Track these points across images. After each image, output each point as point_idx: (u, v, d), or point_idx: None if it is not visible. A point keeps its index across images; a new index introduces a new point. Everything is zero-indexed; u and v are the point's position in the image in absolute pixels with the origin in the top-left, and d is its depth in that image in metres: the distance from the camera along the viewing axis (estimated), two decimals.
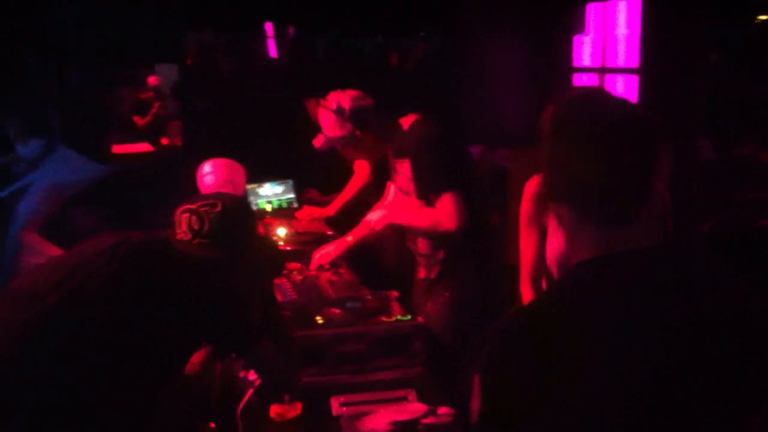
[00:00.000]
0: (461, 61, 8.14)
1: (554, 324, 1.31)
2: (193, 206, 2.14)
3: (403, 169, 3.15)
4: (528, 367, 1.29)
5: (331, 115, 3.20)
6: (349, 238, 3.46)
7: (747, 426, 1.31)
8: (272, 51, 12.90)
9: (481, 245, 3.16)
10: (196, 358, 2.35)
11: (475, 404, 1.35)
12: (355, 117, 3.17)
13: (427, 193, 3.03)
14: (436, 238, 3.11)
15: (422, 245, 3.23)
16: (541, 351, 1.29)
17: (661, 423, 1.27)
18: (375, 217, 3.24)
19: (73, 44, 6.45)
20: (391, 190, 3.54)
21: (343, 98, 3.20)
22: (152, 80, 8.31)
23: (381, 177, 3.75)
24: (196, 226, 2.10)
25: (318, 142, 3.32)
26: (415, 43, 12.68)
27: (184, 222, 2.12)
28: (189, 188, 3.48)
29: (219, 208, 2.13)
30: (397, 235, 3.44)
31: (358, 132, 3.19)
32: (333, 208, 4.52)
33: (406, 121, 3.20)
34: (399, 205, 3.29)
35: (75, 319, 1.79)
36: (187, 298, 1.88)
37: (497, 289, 3.18)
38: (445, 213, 2.96)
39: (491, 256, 3.22)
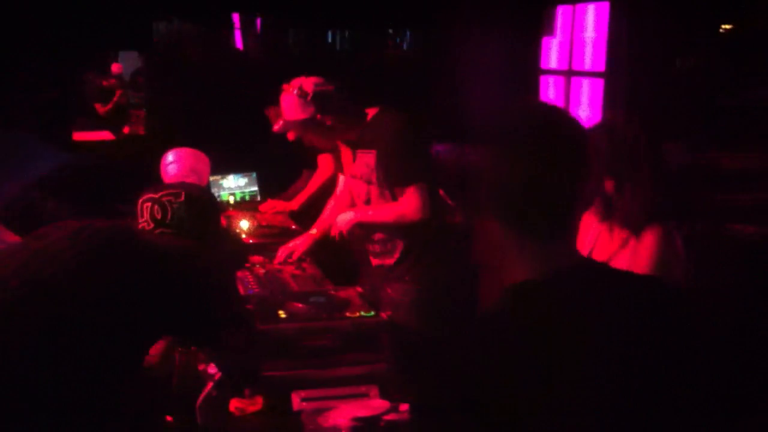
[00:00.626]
0: (433, 58, 8.16)
1: (511, 337, 1.28)
2: (156, 195, 2.11)
3: (367, 159, 3.17)
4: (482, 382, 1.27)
5: (293, 97, 3.17)
6: (314, 231, 3.46)
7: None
8: (239, 42, 12.79)
9: (442, 237, 3.21)
10: (155, 350, 2.32)
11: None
12: (317, 99, 3.14)
13: (393, 184, 3.09)
14: (399, 228, 3.15)
15: (378, 234, 3.25)
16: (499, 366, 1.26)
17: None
18: (345, 218, 3.22)
19: (36, 29, 6.34)
20: (341, 180, 3.55)
21: (305, 82, 3.18)
22: (115, 68, 8.20)
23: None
24: (158, 216, 2.07)
25: (277, 125, 3.29)
26: (386, 39, 12.65)
27: (146, 211, 2.09)
28: (152, 177, 3.43)
29: (183, 198, 2.10)
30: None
31: (319, 116, 3.16)
32: (297, 202, 4.50)
33: (370, 112, 3.22)
34: (357, 201, 3.31)
35: (37, 304, 1.75)
36: (149, 286, 1.84)
37: (462, 285, 3.20)
38: (410, 205, 3.03)
39: (454, 250, 3.24)
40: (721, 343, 1.74)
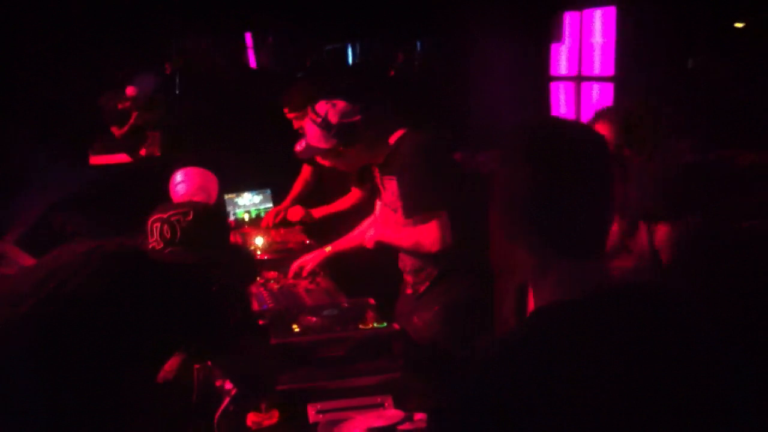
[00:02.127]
0: (446, 68, 8.20)
1: (534, 360, 1.24)
2: (165, 215, 2.16)
3: (391, 186, 3.09)
4: (503, 405, 1.23)
5: (316, 128, 3.05)
6: (328, 249, 3.47)
7: None
8: (252, 61, 12.90)
9: (470, 254, 3.12)
10: (172, 366, 2.36)
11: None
12: (341, 134, 3.02)
13: (412, 213, 2.98)
14: (422, 256, 3.08)
15: (410, 262, 3.18)
16: (518, 392, 1.22)
17: None
18: (369, 235, 3.19)
19: (53, 51, 6.44)
20: (378, 206, 3.48)
21: (331, 112, 3.03)
22: (130, 90, 8.27)
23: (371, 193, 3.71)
24: (168, 235, 2.12)
25: (300, 147, 3.19)
26: (398, 49, 12.72)
27: (156, 231, 2.13)
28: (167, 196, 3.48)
29: (191, 217, 2.14)
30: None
31: (341, 148, 3.06)
32: (319, 213, 4.49)
33: (394, 137, 3.10)
34: (385, 223, 3.23)
35: (52, 321, 1.80)
36: (161, 303, 1.90)
37: (483, 294, 3.14)
38: (427, 236, 2.93)
39: (479, 262, 3.18)
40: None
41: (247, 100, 9.61)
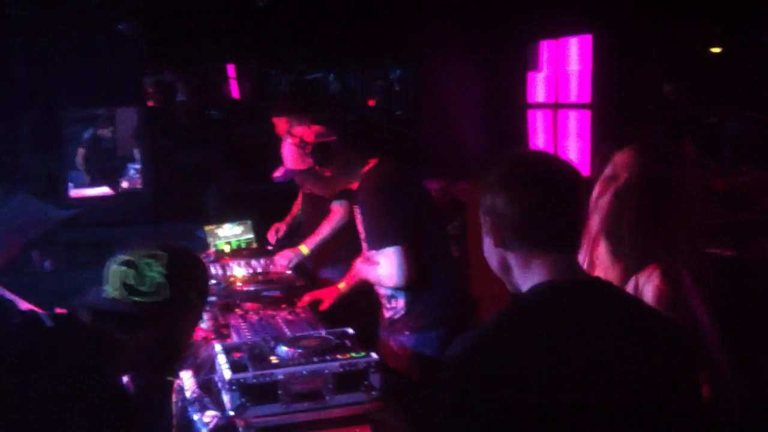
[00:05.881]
0: (420, 96, 8.26)
1: (511, 347, 1.43)
2: (130, 258, 2.01)
3: (359, 216, 3.21)
4: (485, 395, 1.37)
5: (294, 148, 3.24)
6: (342, 285, 3.56)
7: None
8: (234, 92, 12.95)
9: (441, 280, 3.19)
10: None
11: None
12: (316, 152, 3.20)
13: (371, 246, 3.10)
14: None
15: (382, 290, 3.26)
16: (497, 378, 1.38)
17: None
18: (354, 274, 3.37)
19: (29, 87, 6.44)
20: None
21: (306, 133, 3.25)
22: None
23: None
24: (131, 282, 1.98)
25: (278, 172, 3.37)
26: (376, 78, 12.82)
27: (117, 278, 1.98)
28: (148, 230, 3.50)
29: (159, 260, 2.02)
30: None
31: (317, 167, 3.22)
32: (308, 245, 4.46)
33: (366, 167, 3.20)
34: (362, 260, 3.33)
35: None
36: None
37: (460, 321, 3.20)
38: (386, 270, 3.02)
39: (453, 288, 3.26)
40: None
41: (228, 132, 9.66)
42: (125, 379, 2.00)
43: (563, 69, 6.27)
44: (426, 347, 3.13)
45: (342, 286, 3.56)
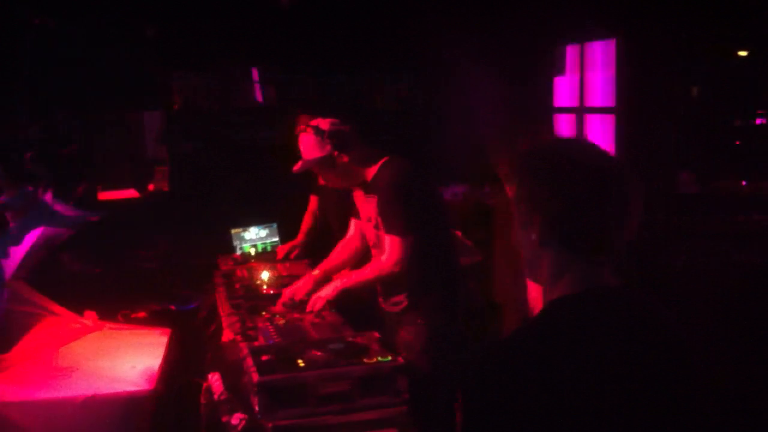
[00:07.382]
0: (444, 100, 8.27)
1: (534, 357, 1.37)
2: None
3: (372, 203, 3.31)
4: (507, 402, 1.35)
5: (311, 137, 3.36)
6: (316, 272, 3.64)
7: None
8: (258, 96, 13.00)
9: (447, 279, 3.34)
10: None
11: None
12: (334, 138, 3.32)
13: (386, 231, 3.23)
14: (389, 280, 3.29)
15: (384, 288, 3.41)
16: (521, 385, 1.35)
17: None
18: (328, 290, 3.38)
19: (58, 89, 6.52)
20: (352, 226, 3.66)
21: (321, 122, 3.37)
22: None
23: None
24: None
25: (297, 166, 3.45)
26: (396, 82, 12.80)
27: None
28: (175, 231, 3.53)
29: None
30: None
31: (336, 153, 3.33)
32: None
33: (380, 162, 3.33)
34: (346, 271, 3.56)
35: None
36: None
37: (456, 317, 3.35)
38: (390, 255, 3.20)
39: (462, 290, 3.39)
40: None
41: (254, 133, 9.71)
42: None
43: (588, 73, 6.26)
44: (440, 337, 3.26)
45: (316, 272, 3.63)
